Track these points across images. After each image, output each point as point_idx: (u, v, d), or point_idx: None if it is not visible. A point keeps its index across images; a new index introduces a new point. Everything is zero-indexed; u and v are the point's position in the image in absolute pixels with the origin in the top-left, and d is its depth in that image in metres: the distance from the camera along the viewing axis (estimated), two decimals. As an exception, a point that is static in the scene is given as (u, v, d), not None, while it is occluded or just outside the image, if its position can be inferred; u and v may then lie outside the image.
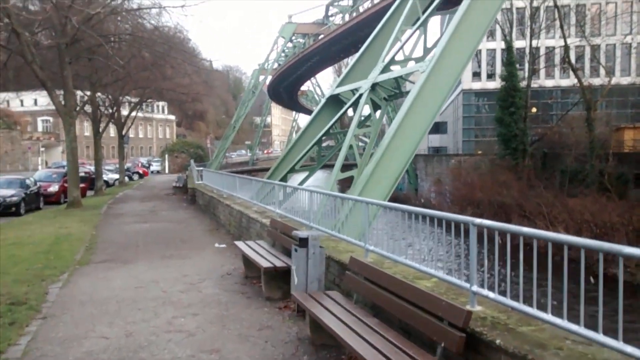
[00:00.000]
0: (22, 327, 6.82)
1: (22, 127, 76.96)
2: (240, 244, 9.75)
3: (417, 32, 18.29)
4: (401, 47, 17.67)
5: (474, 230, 4.70)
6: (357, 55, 21.03)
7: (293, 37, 71.07)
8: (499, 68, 57.59)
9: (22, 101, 78.75)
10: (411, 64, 18.41)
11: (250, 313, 7.30)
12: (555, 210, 35.76)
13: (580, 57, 52.82)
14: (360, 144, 53.52)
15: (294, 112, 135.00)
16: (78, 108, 25.34)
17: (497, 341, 3.93)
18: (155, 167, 65.66)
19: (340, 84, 20.28)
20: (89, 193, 32.10)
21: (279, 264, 7.87)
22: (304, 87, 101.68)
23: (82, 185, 30.97)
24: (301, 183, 18.17)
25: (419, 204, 40.93)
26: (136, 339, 6.32)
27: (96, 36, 19.99)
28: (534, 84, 46.25)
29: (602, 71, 50.31)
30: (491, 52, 59.98)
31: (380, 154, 13.18)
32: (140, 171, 54.47)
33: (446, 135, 70.92)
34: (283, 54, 72.21)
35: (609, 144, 38.85)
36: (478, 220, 4.69)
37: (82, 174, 34.14)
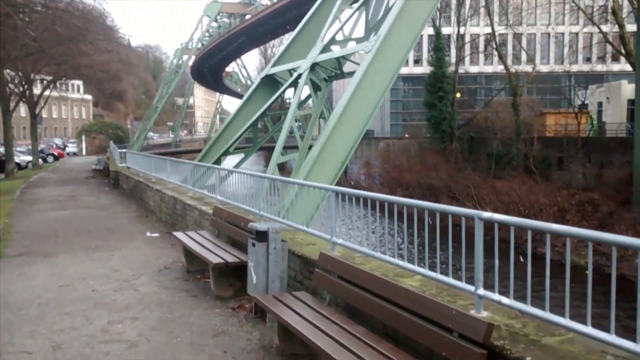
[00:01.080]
0: None
1: None
2: (180, 235, 8.75)
3: (357, 12, 17.65)
4: (341, 27, 16.94)
5: (480, 225, 4.05)
6: (292, 34, 20.11)
7: (218, 17, 68.80)
8: (425, 53, 58.30)
9: None
10: (351, 44, 17.76)
11: (199, 315, 6.40)
12: (482, 192, 36.50)
13: (502, 45, 54.15)
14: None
15: (217, 94, 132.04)
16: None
17: (528, 359, 3.30)
18: (71, 148, 61.98)
19: (275, 64, 19.31)
20: (0, 176, 29.61)
21: (230, 259, 6.99)
22: (228, 69, 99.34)
23: (-10, 168, 28.61)
24: (236, 166, 17.17)
25: (349, 186, 40.79)
26: (66, 354, 5.30)
27: (3, 5, 17.95)
28: (460, 70, 46.94)
29: (523, 58, 51.89)
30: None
31: (326, 136, 12.44)
32: (56, 153, 51.13)
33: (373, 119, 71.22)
34: (207, 34, 69.80)
35: (533, 128, 40.00)
36: (487, 214, 4.04)
37: (-11, 157, 31.58)
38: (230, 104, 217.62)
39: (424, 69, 58.49)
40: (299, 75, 16.48)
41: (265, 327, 5.89)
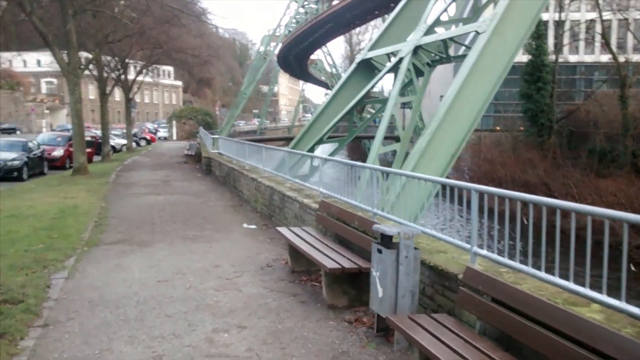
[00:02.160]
0: (15, 342, 5.14)
1: (25, 88, 74.90)
2: (284, 230, 8.01)
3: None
4: (447, 7, 15.67)
5: None
6: (391, 15, 19.03)
7: (306, 3, 68.38)
8: (521, 40, 55.08)
9: (24, 61, 76.61)
10: (457, 26, 16.50)
11: (313, 328, 5.60)
12: (584, 191, 34.10)
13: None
14: (367, 115, 51.66)
15: (301, 82, 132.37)
16: (82, 66, 23.35)
17: None
18: (162, 133, 63.68)
19: (372, 47, 18.36)
20: (96, 158, 30.39)
21: (347, 264, 6.14)
22: (313, 56, 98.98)
23: (88, 150, 29.32)
24: (331, 155, 16.39)
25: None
26: (170, 369, 4.64)
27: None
28: (559, 59, 43.96)
29: (629, 46, 47.93)
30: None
31: (435, 126, 11.37)
32: (148, 137, 52.59)
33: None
34: (295, 21, 69.60)
35: (644, 123, 36.82)
36: None
37: (88, 139, 32.48)
38: (313, 92, 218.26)
39: (519, 57, 55.52)
40: (400, 60, 15.48)
41: (391, 349, 5.01)
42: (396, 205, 9.54)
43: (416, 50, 15.10)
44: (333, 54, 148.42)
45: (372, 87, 16.51)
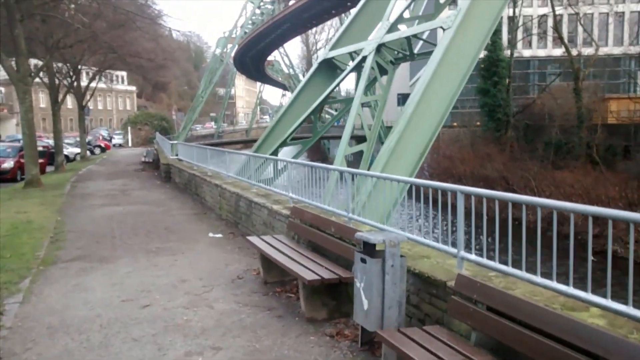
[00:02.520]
0: (-36, 381, 4.64)
1: (-28, 98, 71.96)
2: (255, 240, 7.61)
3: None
4: (410, 4, 15.50)
5: None
6: (351, 14, 18.80)
7: (261, 3, 67.82)
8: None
9: (-30, 70, 73.83)
10: (418, 23, 16.37)
11: (293, 345, 5.24)
12: (543, 184, 34.68)
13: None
14: (326, 115, 51.31)
15: (258, 84, 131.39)
16: (32, 74, 22.37)
17: None
18: (117, 140, 62.17)
19: (334, 47, 18.07)
20: (49, 169, 29.23)
21: (326, 274, 5.80)
22: (269, 58, 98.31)
23: (40, 160, 28.11)
24: (295, 157, 16.04)
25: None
26: (142, 403, 4.22)
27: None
28: (514, 54, 44.68)
29: (579, 41, 49.05)
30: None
31: (404, 124, 11.15)
32: (102, 144, 51.22)
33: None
34: (250, 22, 68.92)
35: (597, 115, 37.71)
36: None
37: (40, 149, 31.23)
38: (271, 94, 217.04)
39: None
40: (364, 58, 15.23)
41: (381, 365, 4.70)
42: (367, 207, 9.30)
43: (379, 48, 14.87)
44: (290, 54, 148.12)
45: (336, 86, 16.21)
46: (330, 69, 18.51)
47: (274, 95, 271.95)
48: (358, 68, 15.80)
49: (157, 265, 8.51)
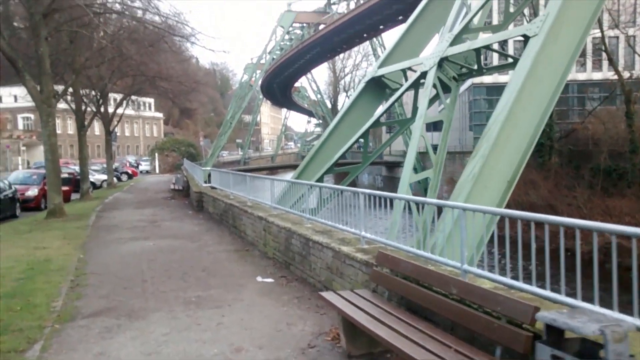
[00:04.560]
0: None
1: (2, 124, 72.20)
2: (333, 298, 5.77)
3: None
4: (476, 13, 13.74)
5: None
6: (402, 30, 17.13)
7: (290, 28, 66.97)
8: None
9: (0, 97, 74.23)
10: (483, 35, 14.65)
11: None
12: (594, 211, 32.46)
13: (598, 50, 49.39)
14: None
15: (283, 111, 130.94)
16: (57, 95, 21.11)
17: None
18: (144, 166, 61.22)
19: (383, 64, 16.40)
20: (75, 196, 27.95)
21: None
22: (296, 84, 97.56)
23: (65, 188, 26.87)
24: (343, 184, 14.28)
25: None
26: None
27: (80, 3, 15.86)
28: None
29: (621, 63, 46.84)
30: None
31: (488, 147, 9.31)
32: (129, 171, 50.18)
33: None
34: (278, 48, 68.11)
35: (651, 140, 35.34)
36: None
37: (65, 176, 30.06)
38: (295, 120, 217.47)
39: (510, 76, 54.42)
40: (423, 74, 13.51)
41: None
42: (448, 246, 7.50)
43: (441, 63, 13.15)
44: (317, 81, 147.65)
45: (391, 106, 14.46)
46: (378, 88, 16.86)
47: (298, 122, 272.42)
48: (416, 85, 14.09)
49: (201, 324, 6.73)
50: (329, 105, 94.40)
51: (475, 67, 13.15)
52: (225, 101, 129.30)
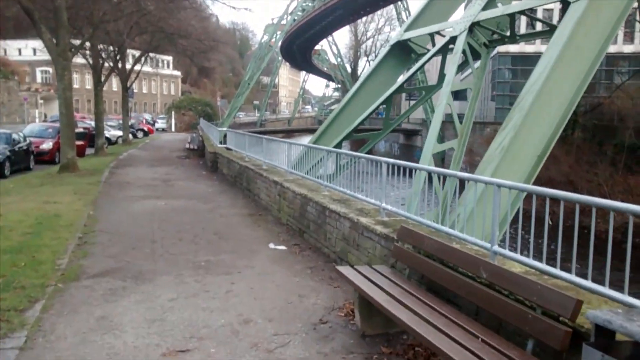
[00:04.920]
0: None
1: (20, 77, 72.20)
2: (349, 273, 5.41)
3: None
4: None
5: None
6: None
7: (313, -11, 65.48)
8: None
9: (20, 50, 74.01)
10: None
11: None
12: (615, 189, 31.77)
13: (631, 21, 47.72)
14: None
15: (302, 73, 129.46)
16: (73, 49, 20.71)
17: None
18: (160, 124, 61.00)
19: (410, 27, 15.77)
20: (89, 151, 27.81)
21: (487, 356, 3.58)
22: (316, 47, 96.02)
23: (80, 142, 26.74)
24: (362, 151, 13.82)
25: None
26: None
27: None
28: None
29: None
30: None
31: (520, 118, 8.79)
32: (145, 128, 49.97)
33: (466, 102, 65.09)
34: (300, 9, 66.74)
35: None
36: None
37: (80, 130, 29.89)
38: (314, 84, 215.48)
39: (537, 47, 53.02)
40: (452, 39, 12.91)
41: None
42: (469, 222, 7.10)
43: (472, 28, 12.52)
44: (338, 44, 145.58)
45: (417, 71, 13.89)
46: (403, 52, 16.27)
47: (316, 86, 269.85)
48: (444, 50, 13.50)
49: (209, 291, 6.43)
50: (349, 70, 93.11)
51: (508, 33, 12.51)
52: (244, 62, 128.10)
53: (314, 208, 8.83)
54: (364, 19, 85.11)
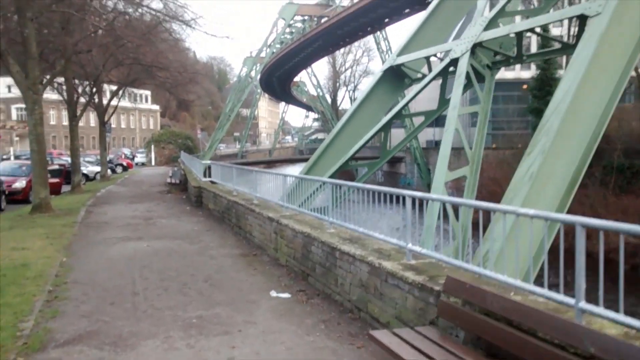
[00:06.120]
0: None
1: (-5, 115, 70.58)
2: (392, 342, 4.29)
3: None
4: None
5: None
6: (424, 16, 15.61)
7: (292, 21, 65.24)
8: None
9: (-7, 87, 72.50)
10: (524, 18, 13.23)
11: None
12: (607, 210, 31.22)
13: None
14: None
15: (282, 104, 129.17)
16: (45, 81, 19.55)
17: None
18: (140, 158, 59.54)
19: (403, 52, 14.95)
20: (66, 189, 26.42)
21: None
22: (295, 78, 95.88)
23: (56, 180, 25.45)
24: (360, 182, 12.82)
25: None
26: None
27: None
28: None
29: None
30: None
31: (549, 141, 7.85)
32: (124, 163, 48.52)
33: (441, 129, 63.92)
34: (279, 42, 66.36)
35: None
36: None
37: (56, 167, 28.59)
38: (293, 115, 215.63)
39: (517, 72, 53.16)
40: (452, 62, 12.06)
41: None
42: (500, 259, 6.15)
43: (474, 49, 11.69)
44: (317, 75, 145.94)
45: (415, 96, 12.98)
46: (397, 77, 15.44)
47: (296, 117, 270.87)
48: (444, 73, 12.64)
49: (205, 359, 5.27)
50: (329, 100, 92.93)
51: (513, 53, 11.70)
52: (223, 95, 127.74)
53: (320, 248, 7.73)
54: (342, 50, 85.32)
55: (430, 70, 13.93)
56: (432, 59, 14.20)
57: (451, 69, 12.29)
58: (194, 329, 6.21)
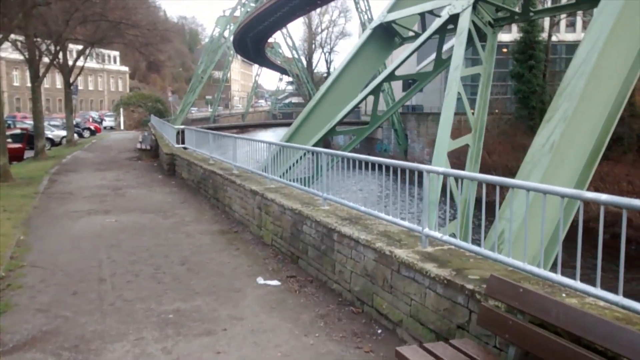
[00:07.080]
0: None
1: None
2: (416, 356, 3.44)
3: None
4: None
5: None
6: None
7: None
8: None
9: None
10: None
11: None
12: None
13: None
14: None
15: (254, 67, 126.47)
16: (0, 37, 17.95)
17: None
18: (108, 122, 57.45)
19: (394, 7, 13.87)
20: (29, 154, 24.90)
21: None
22: (270, 39, 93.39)
23: (18, 145, 23.98)
24: (346, 150, 11.85)
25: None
26: None
27: None
28: (554, 38, 40.40)
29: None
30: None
31: (571, 108, 6.96)
32: (92, 127, 46.57)
33: (422, 93, 63.03)
34: (253, 0, 64.12)
35: (649, 104, 33.69)
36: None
37: (17, 131, 27.02)
38: (267, 78, 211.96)
39: (508, 35, 52.12)
40: (452, 18, 11.04)
41: None
42: (516, 240, 5.37)
43: (475, 4, 10.68)
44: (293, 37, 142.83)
45: (410, 55, 11.94)
46: (387, 36, 14.38)
47: (270, 80, 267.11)
48: (442, 31, 11.63)
49: (186, 371, 4.35)
50: (304, 63, 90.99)
51: (518, 8, 10.73)
52: (195, 56, 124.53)
53: (314, 229, 6.80)
54: (317, 10, 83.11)
55: (424, 28, 12.90)
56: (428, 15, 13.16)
57: (450, 26, 11.29)
58: (171, 327, 5.27)
